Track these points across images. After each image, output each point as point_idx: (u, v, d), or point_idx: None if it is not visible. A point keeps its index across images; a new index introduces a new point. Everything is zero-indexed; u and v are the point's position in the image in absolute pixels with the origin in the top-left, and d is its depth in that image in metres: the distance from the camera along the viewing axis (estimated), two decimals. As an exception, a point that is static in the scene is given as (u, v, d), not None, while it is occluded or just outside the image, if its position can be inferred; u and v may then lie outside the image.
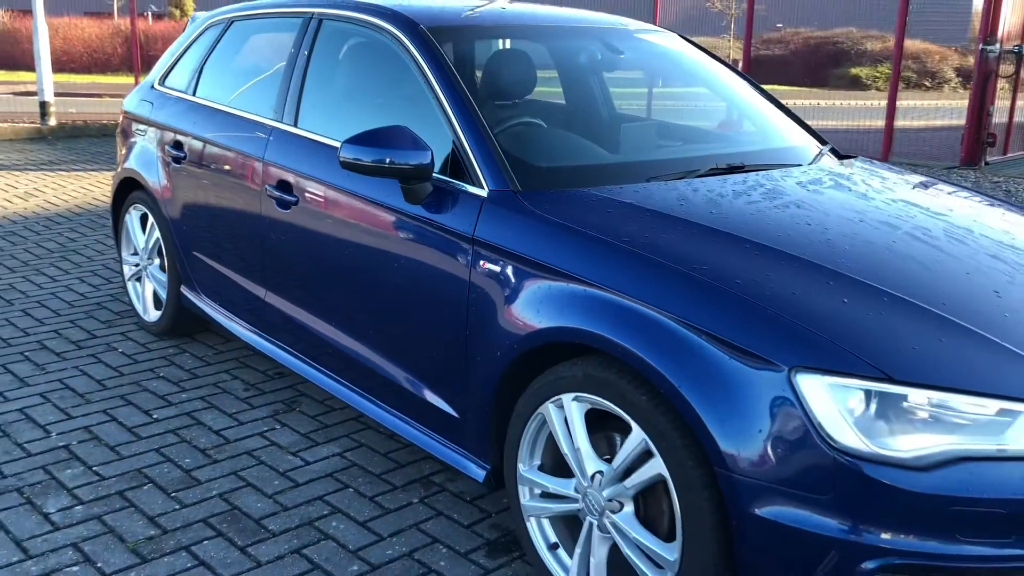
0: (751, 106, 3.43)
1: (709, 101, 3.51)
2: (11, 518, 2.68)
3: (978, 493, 1.81)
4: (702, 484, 1.97)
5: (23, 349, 3.99)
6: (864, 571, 1.83)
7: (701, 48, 3.61)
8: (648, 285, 2.10)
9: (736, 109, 3.42)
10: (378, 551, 2.58)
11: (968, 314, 2.01)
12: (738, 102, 3.46)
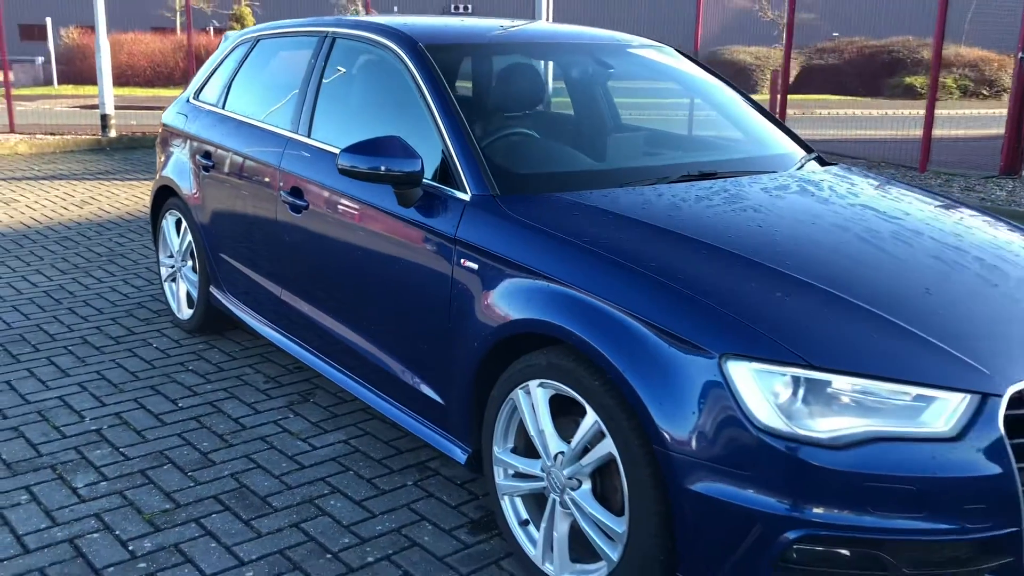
0: (739, 116, 3.60)
1: (701, 112, 3.68)
2: (43, 491, 2.96)
3: (890, 471, 1.96)
4: (645, 462, 2.15)
5: (67, 344, 4.32)
6: (785, 541, 2.00)
7: (695, 61, 3.79)
8: (602, 281, 2.30)
9: (724, 119, 3.59)
10: (369, 526, 2.80)
11: (895, 308, 2.17)
12: (727, 112, 3.63)
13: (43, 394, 3.73)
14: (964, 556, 2.05)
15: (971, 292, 2.32)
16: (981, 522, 2.00)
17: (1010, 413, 2.03)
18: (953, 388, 2.01)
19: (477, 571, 2.59)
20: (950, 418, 2.00)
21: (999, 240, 2.67)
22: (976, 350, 2.09)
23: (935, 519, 1.98)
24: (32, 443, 3.30)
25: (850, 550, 2.01)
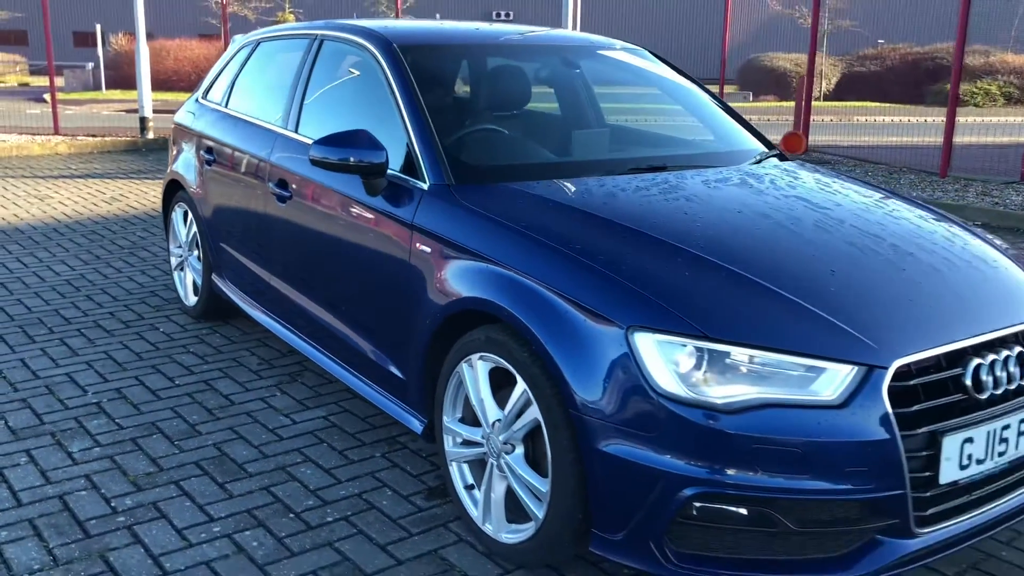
0: (707, 115, 3.78)
1: (670, 110, 3.86)
2: (41, 454, 3.23)
3: (780, 434, 2.14)
4: (564, 426, 2.34)
5: (80, 327, 4.61)
6: (683, 498, 2.18)
7: (668, 64, 3.97)
8: (532, 262, 2.50)
9: (694, 118, 3.76)
10: (333, 491, 3.02)
11: (796, 287, 2.33)
12: (696, 111, 3.81)
13: (52, 371, 4.01)
14: (852, 516, 2.21)
15: (876, 275, 2.48)
16: (866, 484, 2.16)
17: (896, 385, 2.19)
18: (841, 360, 2.18)
19: (426, 532, 2.79)
20: (837, 387, 2.16)
21: (922, 230, 2.82)
22: (867, 326, 2.25)
23: (822, 480, 2.15)
24: (37, 413, 3.57)
25: (747, 508, 2.18)
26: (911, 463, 2.19)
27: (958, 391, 2.28)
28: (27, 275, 5.54)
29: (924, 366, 2.25)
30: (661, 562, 2.25)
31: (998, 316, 2.44)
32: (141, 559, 2.61)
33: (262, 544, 2.70)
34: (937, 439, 2.21)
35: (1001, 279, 2.64)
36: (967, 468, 2.28)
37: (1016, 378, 2.38)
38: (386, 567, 2.60)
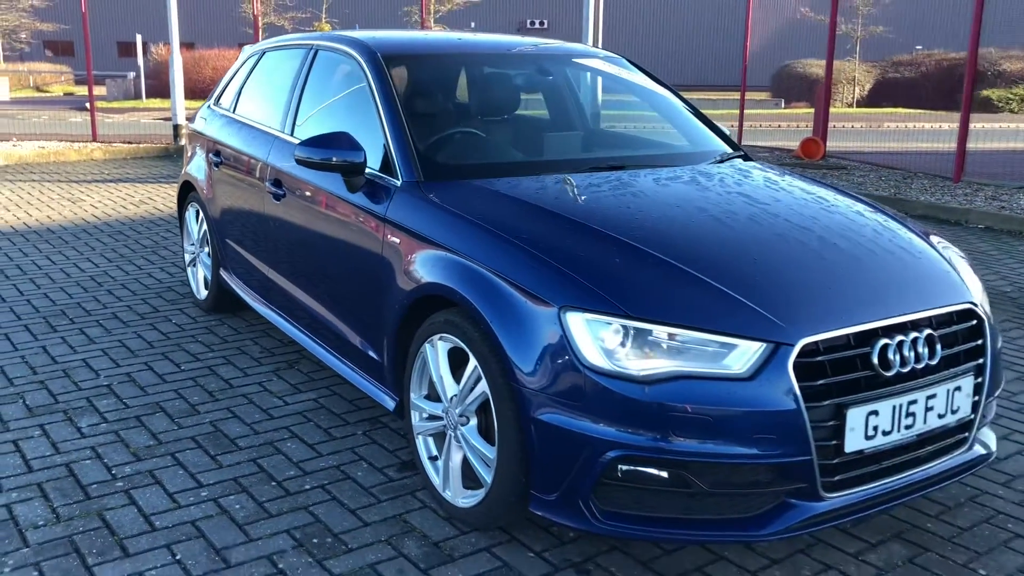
0: (677, 119, 4.01)
1: (643, 115, 4.10)
2: (53, 429, 3.54)
3: (691, 403, 2.37)
4: (508, 397, 2.59)
5: (99, 318, 4.94)
6: (606, 460, 2.42)
7: (643, 71, 4.21)
8: (483, 250, 2.75)
9: (661, 121, 4.00)
10: (313, 463, 3.29)
11: (717, 272, 2.56)
12: (668, 115, 4.04)
13: (70, 357, 4.34)
14: (762, 479, 2.43)
15: (795, 262, 2.69)
16: (773, 450, 2.38)
17: (802, 360, 2.40)
18: (751, 337, 2.40)
19: (394, 499, 3.05)
20: (747, 362, 2.39)
21: (853, 223, 3.03)
22: (778, 308, 2.47)
23: (732, 445, 2.37)
24: (52, 393, 3.89)
25: (665, 471, 2.41)
26: (817, 432, 2.41)
27: (865, 368, 2.49)
28: (54, 271, 5.90)
29: (832, 345, 2.47)
30: (589, 519, 2.49)
31: (909, 301, 2.64)
32: (134, 517, 2.89)
33: (244, 507, 2.97)
34: (842, 411, 2.43)
35: (920, 268, 2.84)
36: (873, 439, 2.49)
37: (924, 358, 2.58)
38: (353, 528, 2.86)
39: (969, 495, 3.16)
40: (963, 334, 2.75)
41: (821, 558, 2.75)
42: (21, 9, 37.80)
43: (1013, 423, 3.77)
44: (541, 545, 2.78)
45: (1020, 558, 2.77)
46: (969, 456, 2.81)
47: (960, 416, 2.70)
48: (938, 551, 2.80)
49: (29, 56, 41.78)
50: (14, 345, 4.49)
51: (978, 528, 2.95)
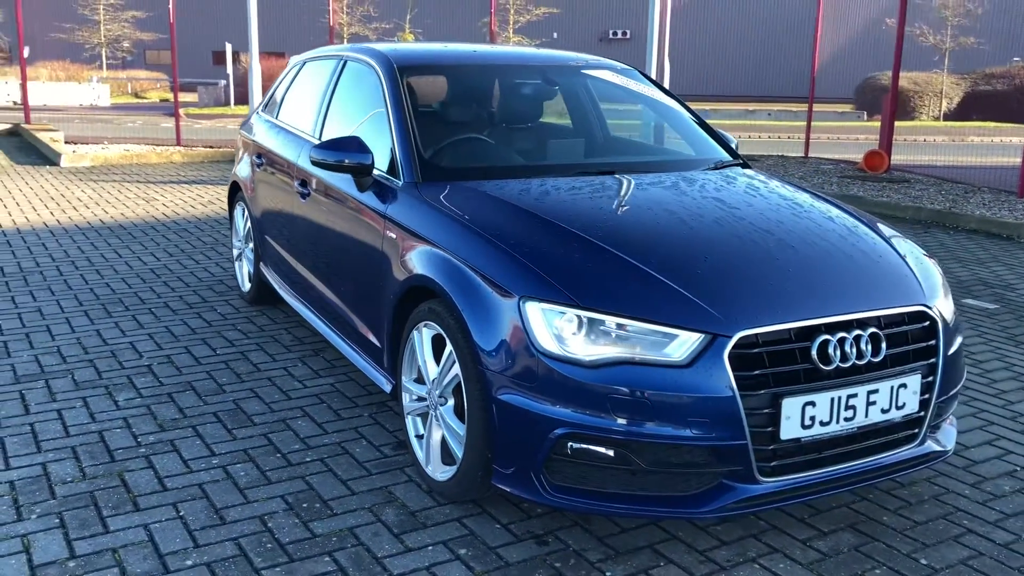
0: (681, 128, 4.20)
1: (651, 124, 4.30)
2: (94, 401, 3.92)
3: (632, 387, 2.57)
4: (475, 379, 2.83)
5: (151, 306, 5.35)
6: (555, 436, 2.64)
7: (654, 82, 4.41)
8: (461, 244, 3.00)
9: (662, 129, 4.20)
10: (318, 440, 3.59)
11: (667, 269, 2.76)
12: (673, 124, 4.24)
13: (119, 339, 4.74)
14: (700, 460, 2.62)
15: (747, 261, 2.87)
16: (708, 433, 2.57)
17: (740, 351, 2.59)
18: (690, 328, 2.60)
19: (384, 472, 3.32)
20: (685, 351, 2.59)
21: (819, 228, 3.18)
22: (720, 302, 2.66)
23: (669, 427, 2.57)
24: (99, 370, 4.29)
25: (609, 448, 2.62)
26: (752, 419, 2.59)
27: (805, 362, 2.66)
28: (119, 263, 6.37)
29: (772, 338, 2.64)
30: (540, 492, 2.71)
31: (856, 301, 2.80)
32: (149, 479, 3.23)
33: (247, 474, 3.28)
34: (778, 400, 2.60)
35: (875, 271, 2.99)
36: (810, 428, 2.66)
37: (867, 355, 2.73)
38: (341, 496, 3.14)
39: (934, 493, 3.28)
40: (914, 334, 2.89)
41: (770, 542, 2.92)
42: (124, 20, 39.62)
43: (1002, 429, 3.85)
44: (508, 518, 3.01)
45: (964, 551, 2.89)
46: (919, 451, 2.94)
47: (907, 412, 2.84)
48: (886, 541, 2.94)
49: (131, 64, 43.72)
50: (72, 328, 4.92)
51: (933, 523, 3.07)
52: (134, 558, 2.73)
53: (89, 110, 26.65)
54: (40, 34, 40.11)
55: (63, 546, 2.78)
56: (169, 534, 2.87)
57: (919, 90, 32.17)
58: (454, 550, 2.82)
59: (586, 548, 2.85)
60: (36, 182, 10.22)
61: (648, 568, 2.76)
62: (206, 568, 2.69)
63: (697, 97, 40.69)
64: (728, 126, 26.26)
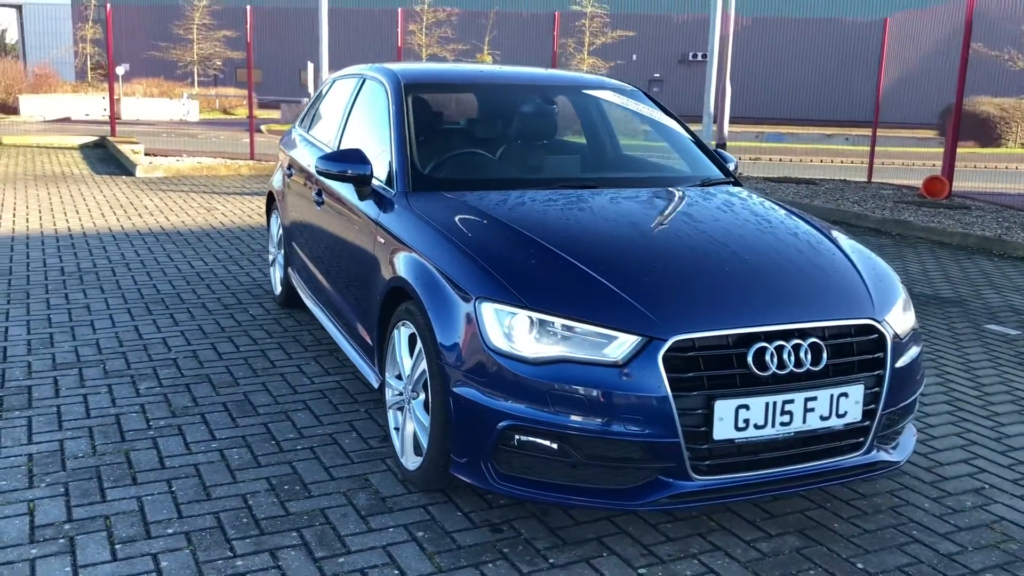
0: (675, 147, 4.37)
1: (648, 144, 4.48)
2: (118, 388, 4.25)
3: (571, 383, 2.75)
4: (438, 374, 3.04)
5: (190, 306, 5.72)
6: (500, 428, 2.83)
7: (656, 103, 4.58)
8: (435, 249, 3.23)
9: (662, 149, 4.37)
10: (312, 430, 3.84)
11: (615, 276, 2.94)
12: (666, 142, 4.41)
13: (154, 335, 5.10)
14: (635, 456, 2.78)
15: (696, 271, 3.03)
16: (642, 430, 2.74)
17: (675, 354, 2.75)
18: (628, 331, 2.77)
19: (366, 462, 3.55)
20: (622, 351, 2.76)
21: (779, 243, 3.31)
22: (659, 308, 2.82)
23: (604, 423, 2.74)
24: (129, 362, 4.63)
25: (550, 441, 2.81)
26: (685, 418, 2.74)
27: (741, 367, 2.80)
28: (169, 267, 6.79)
29: (709, 344, 2.80)
30: (488, 480, 2.91)
31: (799, 312, 2.93)
32: (151, 458, 3.52)
33: (240, 458, 3.55)
34: (711, 402, 2.75)
35: (825, 284, 3.11)
36: (744, 430, 2.79)
37: (807, 364, 2.86)
38: (321, 480, 3.38)
39: (893, 504, 3.36)
40: (861, 346, 3.00)
41: (715, 540, 3.05)
42: (215, 40, 41.20)
43: (982, 449, 3.89)
44: (470, 507, 3.20)
45: (904, 559, 2.98)
46: (864, 460, 3.04)
47: (849, 421, 2.95)
48: (829, 546, 3.04)
49: (222, 81, 45.37)
50: (113, 323, 5.30)
51: (882, 532, 3.15)
52: (122, 524, 3.01)
53: (178, 125, 27.82)
54: (138, 52, 42.00)
55: (63, 511, 3.08)
56: (158, 506, 3.15)
57: (1006, 116, 31.34)
58: (413, 533, 3.03)
59: (536, 537, 3.03)
60: (110, 190, 10.84)
61: (590, 557, 2.92)
62: (183, 536, 2.95)
63: (766, 120, 40.28)
64: (799, 150, 25.99)
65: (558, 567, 2.85)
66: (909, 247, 8.99)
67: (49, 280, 6.28)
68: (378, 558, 2.87)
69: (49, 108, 28.70)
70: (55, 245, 7.49)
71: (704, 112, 14.07)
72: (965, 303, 6.66)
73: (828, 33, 44.02)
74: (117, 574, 2.72)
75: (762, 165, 19.16)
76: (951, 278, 7.55)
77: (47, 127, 22.04)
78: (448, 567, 2.83)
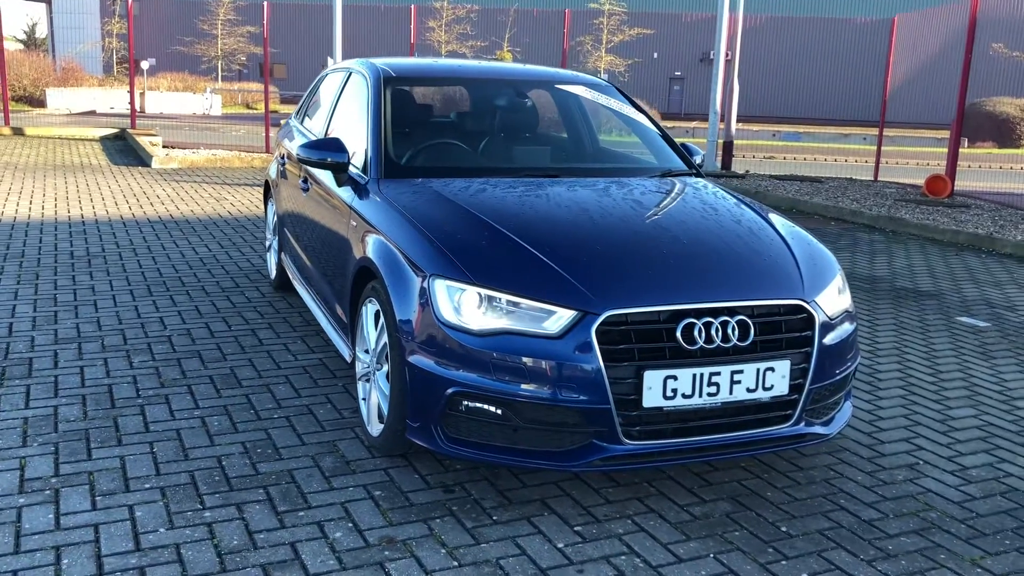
0: (648, 141, 4.59)
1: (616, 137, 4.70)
2: (113, 361, 4.52)
3: (509, 353, 2.99)
4: (396, 345, 3.28)
5: (189, 288, 6.00)
6: (449, 394, 3.07)
7: (628, 98, 4.80)
8: (397, 231, 3.47)
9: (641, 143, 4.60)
10: (291, 402, 4.09)
11: (558, 255, 3.17)
12: (637, 135, 4.63)
13: (152, 314, 5.38)
14: (571, 421, 3.01)
15: (634, 252, 3.25)
16: (577, 396, 2.97)
17: (609, 327, 2.98)
18: (565, 306, 3.00)
19: (336, 430, 3.80)
20: (560, 325, 2.99)
21: (720, 228, 3.52)
22: (596, 285, 3.05)
23: (542, 389, 2.98)
24: (126, 338, 4.91)
25: (494, 406, 3.04)
26: (616, 386, 2.97)
27: (670, 340, 3.03)
28: (173, 252, 7.08)
29: (641, 318, 3.02)
30: (437, 442, 3.15)
31: (728, 292, 3.15)
32: (137, 423, 3.79)
33: (220, 424, 3.81)
34: (641, 372, 2.98)
35: (757, 266, 3.32)
36: (672, 399, 3.02)
37: (734, 339, 3.08)
38: (292, 445, 3.64)
39: (828, 476, 3.57)
40: (789, 324, 3.21)
41: (651, 504, 3.27)
42: (239, 35, 41.70)
43: (925, 429, 4.08)
44: (427, 470, 3.45)
45: (825, 523, 3.19)
46: (792, 431, 3.25)
47: (776, 394, 3.16)
48: (758, 511, 3.26)
49: (246, 76, 45.90)
50: (115, 303, 5.59)
51: (812, 500, 3.36)
52: (104, 479, 3.28)
53: (200, 119, 28.26)
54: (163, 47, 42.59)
55: (51, 467, 3.36)
56: (139, 464, 3.41)
57: (1024, 117, 31.21)
58: (371, 492, 3.28)
59: (485, 497, 3.26)
60: (125, 180, 11.18)
61: (531, 516, 3.15)
62: (159, 491, 3.22)
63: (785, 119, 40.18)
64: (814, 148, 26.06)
65: (500, 523, 3.09)
66: (900, 243, 9.14)
67: (59, 263, 6.58)
68: (335, 512, 3.12)
69: (75, 101, 29.25)
70: (67, 231, 7.81)
71: (711, 110, 14.23)
72: (943, 296, 6.82)
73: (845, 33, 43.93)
74: (95, 521, 2.99)
75: (775, 163, 19.29)
76: (935, 273, 7.71)
77: (71, 119, 22.52)
78: (398, 521, 3.07)
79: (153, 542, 2.87)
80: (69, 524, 2.96)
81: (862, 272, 7.62)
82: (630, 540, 3.01)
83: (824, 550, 3.01)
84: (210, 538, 2.91)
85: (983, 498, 3.44)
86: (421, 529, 3.04)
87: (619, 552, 2.94)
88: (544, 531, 3.05)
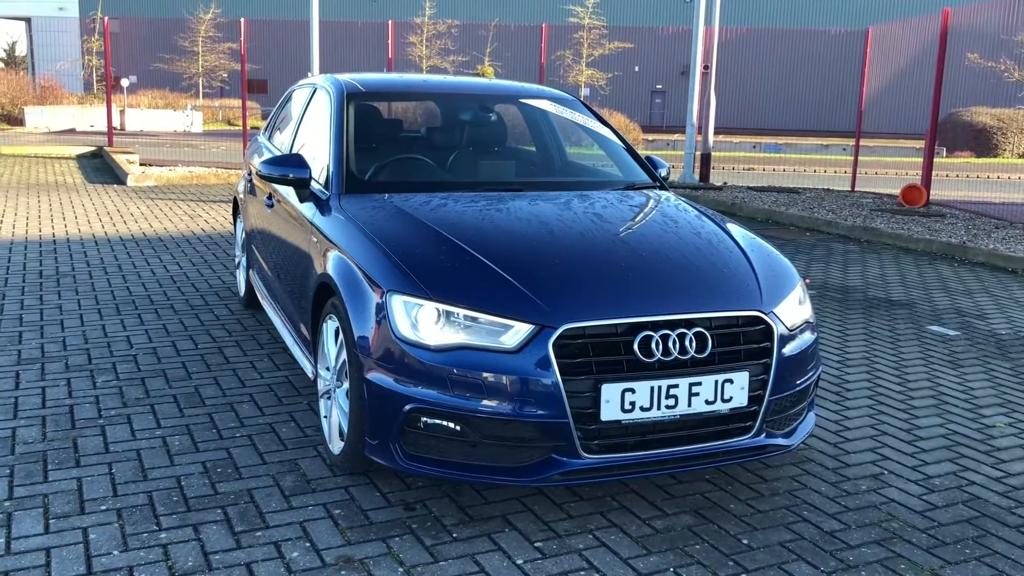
0: (607, 152, 4.59)
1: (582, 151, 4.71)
2: (76, 381, 4.48)
3: (467, 368, 2.97)
4: (354, 362, 3.26)
5: (158, 307, 5.96)
6: (406, 411, 3.05)
7: (591, 111, 4.80)
8: (356, 247, 3.45)
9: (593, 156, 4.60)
10: (253, 420, 4.05)
11: (515, 270, 3.15)
12: (602, 148, 4.63)
13: (119, 333, 5.33)
14: (529, 435, 2.99)
15: (592, 266, 3.24)
16: (534, 410, 2.95)
17: (566, 341, 2.96)
18: (523, 320, 2.99)
19: (298, 448, 3.76)
20: (517, 339, 2.97)
21: (680, 242, 3.52)
22: (553, 299, 3.04)
23: (499, 404, 2.96)
24: (91, 357, 4.87)
25: (452, 423, 3.02)
26: (574, 400, 2.95)
27: (628, 353, 3.02)
28: (145, 270, 7.03)
29: (598, 332, 3.01)
30: (396, 460, 3.12)
31: (686, 304, 3.14)
32: (97, 444, 3.74)
33: (181, 444, 3.77)
34: (598, 385, 2.96)
35: (716, 279, 3.32)
36: (630, 412, 3.01)
37: (691, 352, 3.07)
38: (253, 464, 3.60)
39: (791, 488, 3.56)
40: (748, 336, 3.21)
41: (613, 518, 3.25)
42: (220, 52, 41.67)
43: (891, 439, 4.08)
44: (389, 488, 3.42)
45: (787, 535, 3.17)
46: (752, 443, 3.25)
47: (735, 406, 3.15)
48: (720, 524, 3.24)
49: (228, 93, 45.83)
50: (82, 322, 5.54)
51: (774, 512, 3.35)
52: (59, 501, 3.24)
53: (181, 136, 28.18)
54: (144, 65, 42.49)
55: (5, 490, 3.31)
56: (96, 486, 3.37)
57: (1003, 127, 31.49)
58: (330, 511, 3.25)
59: (445, 515, 3.24)
60: (100, 199, 11.12)
61: (492, 532, 3.13)
62: (115, 512, 3.18)
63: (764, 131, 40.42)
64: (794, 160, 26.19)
65: (460, 540, 3.06)
66: (874, 253, 9.18)
67: (27, 283, 6.53)
68: (293, 532, 3.08)
69: (54, 119, 29.12)
70: (37, 250, 7.75)
71: (687, 123, 14.30)
72: (914, 305, 6.85)
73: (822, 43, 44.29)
74: (46, 545, 2.94)
75: (754, 175, 19.38)
76: (907, 282, 7.74)
77: (49, 138, 22.41)
78: (357, 540, 3.04)
79: (106, 565, 2.84)
80: (20, 548, 2.91)
81: (835, 282, 7.65)
82: (590, 555, 2.99)
83: (785, 562, 2.99)
84: (164, 560, 2.88)
85: (945, 507, 3.44)
86: (379, 548, 3.01)
87: (578, 568, 2.92)
88: (504, 548, 3.03)
